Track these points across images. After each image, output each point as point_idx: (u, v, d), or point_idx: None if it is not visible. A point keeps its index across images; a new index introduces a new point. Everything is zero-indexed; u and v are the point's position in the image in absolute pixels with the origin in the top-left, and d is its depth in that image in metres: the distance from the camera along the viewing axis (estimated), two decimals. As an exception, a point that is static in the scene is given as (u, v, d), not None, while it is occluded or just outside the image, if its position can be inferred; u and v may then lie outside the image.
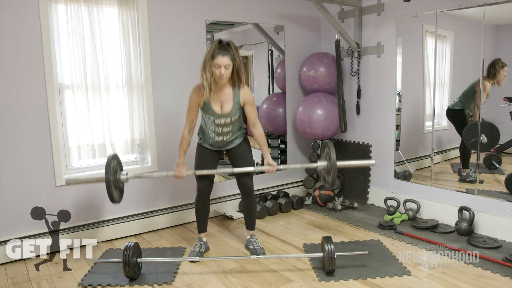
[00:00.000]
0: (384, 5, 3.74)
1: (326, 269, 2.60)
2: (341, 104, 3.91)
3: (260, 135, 2.88)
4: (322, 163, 2.78)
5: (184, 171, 2.81)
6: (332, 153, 2.65)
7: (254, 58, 4.52)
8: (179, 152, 2.84)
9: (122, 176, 2.71)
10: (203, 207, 3.01)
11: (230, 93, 2.74)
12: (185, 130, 2.82)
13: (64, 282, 2.65)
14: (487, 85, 3.29)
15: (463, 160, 3.57)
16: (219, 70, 2.59)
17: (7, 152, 2.94)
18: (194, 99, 2.74)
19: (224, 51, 2.59)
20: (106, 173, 2.56)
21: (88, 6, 3.13)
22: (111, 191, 2.59)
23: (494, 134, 3.26)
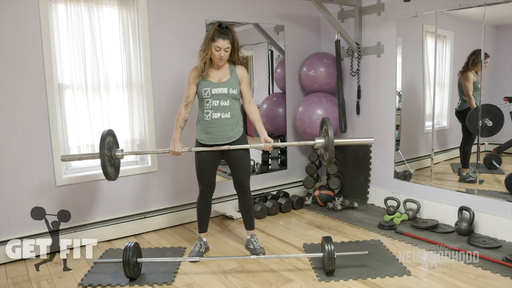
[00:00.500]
0: (384, 5, 3.74)
1: (326, 269, 2.60)
2: (341, 104, 3.91)
3: (255, 111, 2.91)
4: (320, 140, 2.75)
5: (179, 147, 2.80)
6: (330, 130, 2.62)
7: (254, 58, 4.51)
8: (175, 127, 2.84)
9: (117, 152, 2.70)
10: (205, 207, 3.01)
11: (227, 69, 2.83)
12: (182, 105, 2.86)
13: (64, 282, 2.65)
14: (469, 75, 3.37)
15: (463, 160, 3.57)
16: (219, 52, 2.69)
17: (7, 152, 2.94)
18: (192, 74, 2.82)
19: (225, 35, 2.68)
20: (101, 149, 2.56)
21: (88, 6, 3.14)
22: (106, 168, 2.59)
23: (498, 115, 3.23)
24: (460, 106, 3.53)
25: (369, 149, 4.04)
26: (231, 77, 2.81)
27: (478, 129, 3.25)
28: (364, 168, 4.09)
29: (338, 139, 2.73)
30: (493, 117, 3.22)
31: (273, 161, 4.41)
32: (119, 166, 2.79)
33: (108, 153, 2.63)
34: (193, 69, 2.83)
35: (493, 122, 3.22)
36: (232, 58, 2.82)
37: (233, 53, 2.79)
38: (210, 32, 2.70)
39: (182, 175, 3.65)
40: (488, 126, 3.22)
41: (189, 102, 2.84)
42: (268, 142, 2.81)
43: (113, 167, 2.72)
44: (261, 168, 4.34)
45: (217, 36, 2.66)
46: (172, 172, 3.62)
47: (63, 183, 3.15)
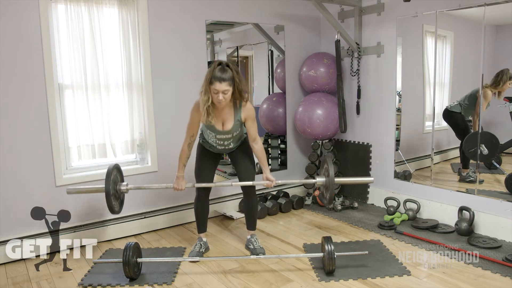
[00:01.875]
0: (384, 5, 3.74)
1: (326, 269, 2.60)
2: (341, 104, 3.91)
3: (260, 149, 2.88)
4: (321, 179, 2.80)
5: (183, 184, 2.83)
6: (331, 169, 2.65)
7: (254, 58, 4.51)
8: (179, 166, 2.85)
9: (122, 187, 2.74)
10: (203, 208, 3.02)
11: (231, 111, 2.74)
12: (185, 144, 2.83)
13: (64, 282, 2.65)
14: (488, 94, 3.24)
15: (463, 160, 3.56)
16: (218, 95, 2.57)
17: (7, 152, 2.94)
18: (195, 115, 2.74)
19: (223, 76, 2.54)
20: (106, 184, 2.58)
21: (88, 6, 3.13)
22: (110, 202, 2.61)
23: (494, 144, 3.25)
24: (453, 107, 3.52)
25: (369, 149, 4.04)
26: (235, 123, 2.75)
27: (473, 153, 3.28)
28: (364, 168, 4.09)
29: (338, 178, 2.79)
30: (490, 145, 3.23)
31: (273, 161, 4.41)
32: (123, 200, 2.82)
33: (113, 187, 2.65)
34: (196, 110, 2.73)
35: (489, 150, 3.22)
36: (234, 97, 2.67)
37: (235, 93, 2.64)
38: (208, 72, 2.58)
39: (182, 175, 3.65)
40: (483, 154, 3.22)
41: (193, 141, 2.84)
42: (270, 181, 2.82)
43: (118, 201, 2.75)
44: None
45: (214, 78, 2.53)
46: (172, 172, 3.59)
47: (63, 183, 3.15)
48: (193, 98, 3.66)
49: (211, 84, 2.55)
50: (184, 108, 3.61)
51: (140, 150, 3.51)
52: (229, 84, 2.57)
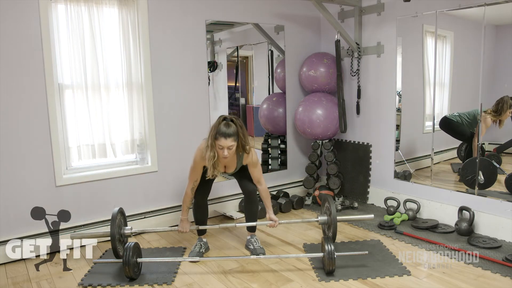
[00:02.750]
0: (384, 5, 3.74)
1: (326, 269, 2.60)
2: (341, 104, 3.91)
3: (264, 191, 2.95)
4: (323, 217, 2.94)
5: (188, 226, 2.94)
6: (333, 208, 2.75)
7: (254, 58, 4.51)
8: (182, 209, 2.93)
9: (126, 231, 2.85)
10: (202, 212, 3.04)
11: (234, 159, 2.82)
12: (188, 188, 2.88)
13: (64, 282, 2.65)
14: (488, 120, 3.21)
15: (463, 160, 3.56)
16: (223, 151, 2.63)
17: (7, 152, 2.94)
18: (199, 162, 2.79)
19: (227, 131, 2.60)
20: (112, 228, 2.68)
21: (88, 6, 3.13)
22: (115, 246, 2.69)
23: (491, 171, 3.24)
24: (452, 116, 3.50)
25: (369, 149, 4.04)
26: (236, 167, 2.87)
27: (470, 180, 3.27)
28: (364, 168, 4.09)
29: (340, 216, 2.89)
30: (487, 173, 3.23)
31: (273, 161, 4.41)
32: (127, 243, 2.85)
33: (118, 232, 2.74)
34: (200, 157, 2.76)
35: (485, 178, 3.22)
36: (237, 149, 2.72)
37: (238, 147, 2.70)
38: (213, 128, 2.63)
39: (182, 175, 3.63)
40: (480, 183, 3.23)
41: (196, 185, 2.89)
42: (274, 221, 2.93)
43: (122, 245, 2.82)
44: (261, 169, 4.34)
45: (219, 134, 2.59)
46: (172, 172, 3.62)
47: (63, 183, 3.15)
48: (193, 98, 3.68)
49: (216, 140, 2.60)
50: (184, 108, 3.64)
51: (140, 150, 3.51)
52: (234, 139, 2.63)
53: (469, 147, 3.48)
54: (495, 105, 3.18)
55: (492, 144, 3.40)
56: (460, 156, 3.57)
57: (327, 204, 2.83)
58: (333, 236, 2.85)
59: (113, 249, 2.72)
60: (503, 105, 3.12)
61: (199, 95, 3.71)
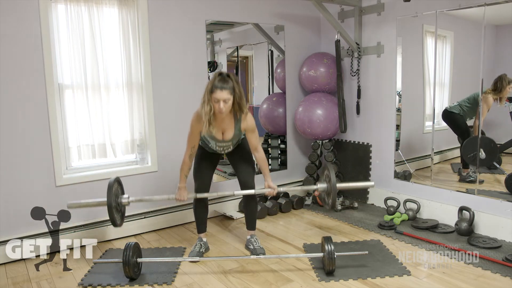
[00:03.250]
0: (384, 5, 3.74)
1: (326, 269, 2.60)
2: (341, 104, 3.91)
3: (262, 158, 2.90)
4: (322, 185, 2.84)
5: (185, 195, 2.85)
6: (332, 175, 2.69)
7: (254, 58, 4.52)
8: (180, 177, 2.87)
9: (123, 199, 2.75)
10: (202, 209, 3.02)
11: (232, 122, 2.76)
12: (186, 155, 2.84)
13: (64, 282, 2.65)
14: (489, 100, 3.27)
15: (463, 160, 3.57)
16: (218, 104, 2.59)
17: (7, 152, 2.94)
18: (195, 126, 2.75)
19: (224, 85, 2.57)
20: (108, 197, 2.59)
21: (88, 6, 3.13)
22: (112, 215, 2.62)
23: (492, 149, 3.25)
24: (453, 107, 3.51)
25: (369, 149, 4.04)
26: (235, 132, 2.78)
27: (472, 158, 3.28)
28: (364, 168, 4.09)
29: (339, 184, 2.80)
30: (488, 149, 3.23)
31: (273, 161, 4.42)
32: (124, 212, 2.83)
33: (114, 200, 2.66)
34: (196, 119, 2.73)
35: (486, 154, 3.23)
36: (233, 108, 2.69)
37: (235, 104, 2.66)
38: (209, 83, 2.62)
39: (182, 175, 3.65)
40: (481, 158, 3.23)
41: (194, 152, 2.85)
42: (272, 188, 2.85)
43: (119, 214, 2.76)
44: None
45: (215, 87, 2.56)
46: (172, 172, 3.61)
47: (63, 183, 3.15)
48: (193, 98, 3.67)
49: (212, 93, 2.57)
50: (184, 108, 3.63)
51: (140, 150, 3.51)
52: (230, 93, 2.59)
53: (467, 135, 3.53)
54: (493, 84, 3.25)
55: (492, 144, 3.40)
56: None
57: (326, 172, 2.76)
58: (332, 204, 2.75)
59: (110, 219, 2.63)
60: (502, 82, 3.20)
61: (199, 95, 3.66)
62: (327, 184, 2.77)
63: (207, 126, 2.63)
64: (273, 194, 2.86)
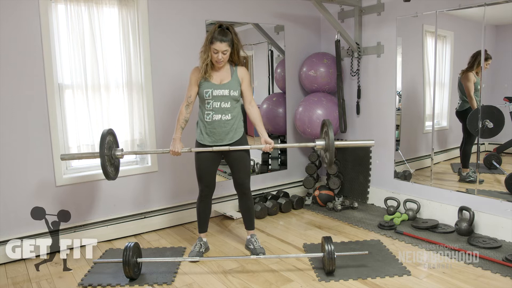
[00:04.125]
0: (384, 5, 3.74)
1: (326, 269, 2.60)
2: (341, 104, 3.91)
3: (256, 112, 2.91)
4: (320, 142, 2.75)
5: (179, 147, 2.79)
6: (331, 132, 2.62)
7: (254, 58, 4.51)
8: (176, 127, 2.84)
9: (117, 152, 2.70)
10: (205, 208, 3.01)
11: (228, 70, 2.83)
12: (183, 105, 2.85)
13: (64, 282, 2.65)
14: (470, 76, 3.37)
15: (463, 160, 3.57)
16: (217, 55, 2.68)
17: (7, 152, 2.94)
18: (193, 76, 2.81)
19: (223, 37, 2.66)
20: (101, 149, 2.55)
21: (88, 6, 3.14)
22: (105, 167, 2.59)
23: (498, 116, 3.23)
24: (460, 106, 3.53)
25: (369, 149, 4.04)
26: (232, 79, 2.80)
27: (479, 130, 3.24)
28: (364, 168, 4.09)
29: (338, 141, 2.74)
30: (494, 118, 3.22)
31: (273, 161, 4.41)
32: (118, 166, 2.79)
33: (108, 152, 2.63)
34: (194, 70, 2.82)
35: (494, 123, 3.21)
36: (232, 58, 2.80)
37: (233, 54, 2.77)
38: (209, 33, 2.70)
39: (182, 175, 3.65)
40: (489, 128, 3.22)
41: (190, 102, 2.83)
42: (268, 143, 2.81)
43: (113, 167, 2.72)
44: (261, 168, 4.34)
45: (215, 38, 2.65)
46: (172, 172, 3.62)
47: (63, 183, 3.15)
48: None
49: (212, 44, 2.67)
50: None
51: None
52: (229, 44, 2.68)
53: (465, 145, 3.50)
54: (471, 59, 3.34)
55: (492, 144, 3.40)
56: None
57: (325, 129, 2.72)
58: (330, 162, 2.70)
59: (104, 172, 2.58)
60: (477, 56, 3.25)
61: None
62: (326, 140, 2.71)
63: (203, 72, 2.72)
64: (270, 149, 2.83)
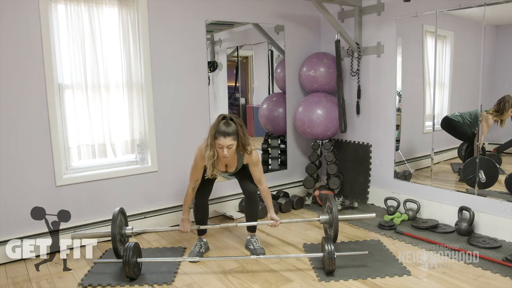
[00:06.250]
0: (384, 5, 3.74)
1: (326, 269, 2.60)
2: (341, 104, 3.91)
3: (265, 191, 2.95)
4: (325, 217, 2.92)
5: (188, 227, 2.96)
6: (334, 207, 2.74)
7: (254, 58, 4.51)
8: (184, 209, 2.94)
9: (127, 231, 2.85)
10: (203, 213, 3.03)
11: (235, 158, 2.82)
12: (189, 188, 2.89)
13: (64, 282, 2.65)
14: (490, 120, 3.23)
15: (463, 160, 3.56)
16: (222, 150, 2.63)
17: (7, 152, 2.94)
18: (199, 162, 2.79)
19: (227, 131, 2.60)
20: (112, 228, 2.69)
21: (88, 6, 3.13)
22: (116, 246, 2.70)
23: (492, 169, 3.23)
24: (454, 116, 3.49)
25: (369, 149, 4.04)
26: (238, 165, 2.87)
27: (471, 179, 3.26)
28: (364, 168, 4.09)
29: (341, 216, 2.88)
30: (488, 172, 3.22)
31: (273, 161, 4.41)
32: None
33: (119, 232, 2.76)
34: (200, 157, 2.76)
35: (487, 177, 3.22)
36: (237, 148, 2.72)
37: (239, 146, 2.70)
38: (213, 127, 2.64)
39: (182, 175, 3.63)
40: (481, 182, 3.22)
41: (197, 185, 2.89)
42: (275, 221, 2.93)
43: (123, 245, 2.82)
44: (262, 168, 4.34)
45: (219, 133, 2.59)
46: (172, 172, 3.62)
47: (63, 183, 3.15)
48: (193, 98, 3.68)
49: (216, 139, 2.61)
50: (184, 108, 3.64)
51: (140, 150, 3.51)
52: (234, 138, 2.63)
53: (470, 147, 3.47)
54: (496, 105, 3.19)
55: (492, 144, 3.40)
56: (461, 155, 3.58)
57: (328, 204, 2.83)
58: (335, 235, 2.85)
59: (114, 250, 2.72)
60: (505, 104, 3.13)
61: (199, 95, 3.71)
62: (329, 215, 2.86)
63: (211, 169, 2.70)
64: (275, 225, 2.95)
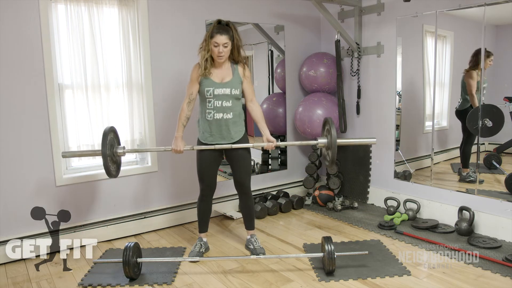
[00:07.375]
0: (384, 5, 3.74)
1: (326, 269, 2.60)
2: (341, 104, 3.91)
3: (257, 110, 2.91)
4: (323, 140, 2.74)
5: (181, 145, 2.80)
6: (333, 130, 2.63)
7: (254, 58, 4.51)
8: (178, 125, 2.84)
9: (119, 150, 2.69)
10: (206, 208, 3.01)
11: (229, 68, 2.81)
12: (184, 103, 2.84)
13: (64, 282, 2.65)
14: (473, 74, 3.35)
15: (463, 160, 3.57)
16: (218, 48, 2.67)
17: (7, 152, 2.94)
18: (194, 73, 2.81)
19: (223, 31, 2.67)
20: (103, 146, 2.55)
21: (88, 6, 3.14)
22: (107, 165, 2.58)
23: (497, 115, 3.22)
24: (461, 105, 3.53)
25: (369, 149, 4.04)
26: (233, 77, 2.79)
27: (478, 129, 3.24)
28: (364, 168, 4.09)
29: (340, 139, 2.71)
30: (493, 117, 3.22)
31: (273, 161, 4.41)
32: (120, 163, 2.79)
33: (109, 150, 2.62)
34: (195, 67, 2.81)
35: (493, 122, 3.21)
36: (232, 56, 2.79)
37: (234, 51, 2.77)
38: (209, 29, 2.71)
39: (182, 175, 3.65)
40: (488, 127, 3.21)
41: (192, 99, 2.83)
42: (270, 142, 2.80)
43: (115, 164, 2.71)
44: (261, 168, 4.34)
45: (215, 32, 2.66)
46: (172, 172, 3.62)
47: (63, 183, 3.15)
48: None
49: (212, 38, 2.67)
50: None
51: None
52: (229, 38, 2.69)
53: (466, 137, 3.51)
54: (471, 59, 3.33)
55: (492, 144, 3.40)
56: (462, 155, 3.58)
57: (327, 126, 2.71)
58: (332, 160, 2.69)
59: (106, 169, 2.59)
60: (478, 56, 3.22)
61: (199, 95, 3.70)
62: (328, 138, 2.69)
63: (203, 68, 2.71)
64: (272, 147, 2.81)
